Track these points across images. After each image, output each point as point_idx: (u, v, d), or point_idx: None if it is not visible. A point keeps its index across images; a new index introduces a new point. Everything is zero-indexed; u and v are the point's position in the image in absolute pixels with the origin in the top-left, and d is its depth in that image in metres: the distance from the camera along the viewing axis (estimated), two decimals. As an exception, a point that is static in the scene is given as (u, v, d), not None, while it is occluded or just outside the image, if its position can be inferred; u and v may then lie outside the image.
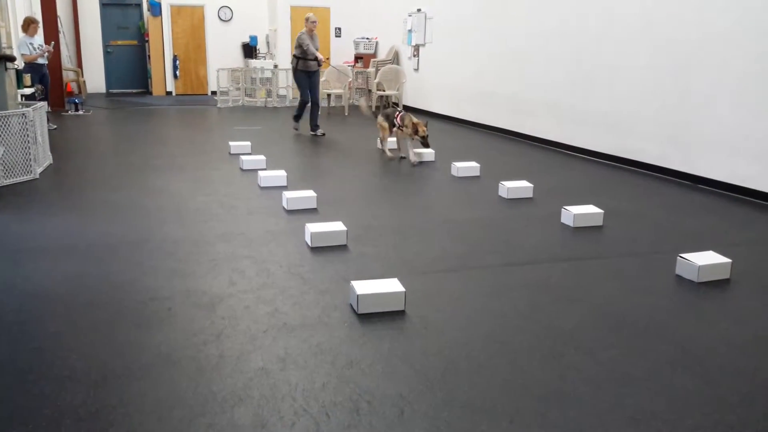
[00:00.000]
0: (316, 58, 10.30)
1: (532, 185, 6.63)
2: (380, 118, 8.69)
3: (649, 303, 3.95)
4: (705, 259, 4.36)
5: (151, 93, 16.93)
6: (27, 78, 9.96)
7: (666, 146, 7.66)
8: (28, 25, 10.50)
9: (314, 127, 10.61)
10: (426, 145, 8.23)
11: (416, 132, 8.13)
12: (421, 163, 8.31)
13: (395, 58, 14.76)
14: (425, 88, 13.68)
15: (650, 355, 3.28)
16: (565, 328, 3.56)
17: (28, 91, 9.56)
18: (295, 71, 10.50)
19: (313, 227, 4.92)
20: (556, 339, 3.43)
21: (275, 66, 15.47)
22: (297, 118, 10.87)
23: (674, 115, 7.50)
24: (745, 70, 6.61)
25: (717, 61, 6.92)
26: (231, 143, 8.82)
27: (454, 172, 7.59)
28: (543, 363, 3.17)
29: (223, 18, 17.14)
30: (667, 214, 6.01)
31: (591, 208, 5.69)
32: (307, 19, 10.31)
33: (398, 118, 8.39)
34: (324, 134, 10.49)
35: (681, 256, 4.41)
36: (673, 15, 7.44)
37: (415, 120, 8.23)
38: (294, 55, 10.39)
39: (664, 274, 4.44)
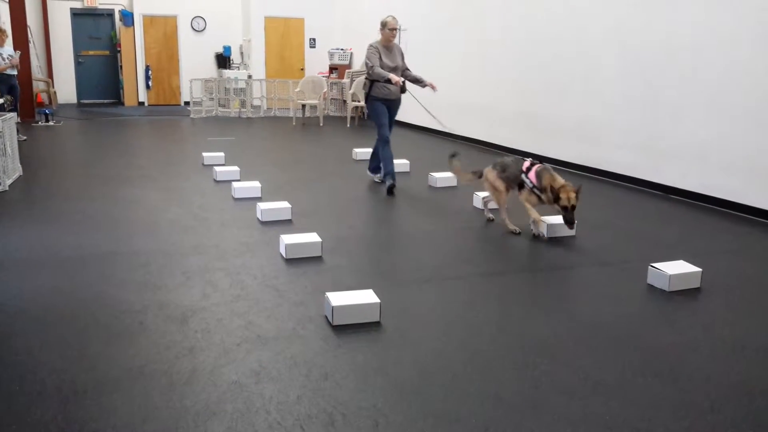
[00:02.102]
0: (393, 81, 7.03)
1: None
2: (491, 174, 5.72)
3: (621, 312, 4.00)
4: (676, 269, 4.42)
5: (123, 103, 16.79)
6: (-4, 88, 9.84)
7: (637, 156, 7.77)
8: (-4, 34, 10.37)
9: (375, 169, 7.74)
10: (570, 222, 5.26)
11: (557, 200, 5.21)
12: (550, 238, 5.52)
13: (370, 69, 14.80)
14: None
15: (622, 363, 3.31)
16: (539, 338, 3.58)
17: (-3, 101, 9.44)
18: (367, 98, 7.36)
19: (287, 239, 4.90)
20: (530, 348, 3.46)
21: (249, 76, 15.44)
22: (374, 167, 7.76)
23: (645, 126, 7.62)
24: (713, 82, 6.74)
25: (686, 72, 7.05)
26: (204, 154, 8.77)
27: (431, 183, 7.62)
28: (517, 372, 3.19)
29: (196, 28, 17.07)
30: (638, 224, 6.09)
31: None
32: (383, 25, 7.41)
33: (532, 175, 5.43)
34: (383, 182, 7.38)
35: (652, 266, 4.47)
36: (643, 27, 7.57)
37: (559, 180, 5.30)
38: (366, 77, 7.49)
39: (635, 283, 4.49)
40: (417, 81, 7.52)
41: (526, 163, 5.55)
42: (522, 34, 9.70)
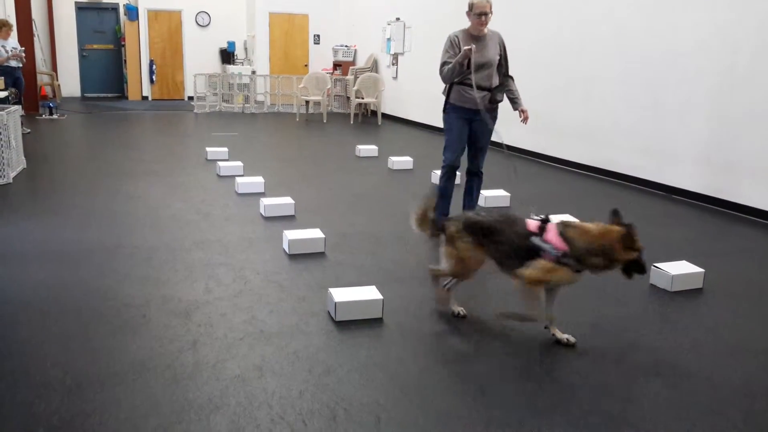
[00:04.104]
0: (480, 87, 5.14)
1: (509, 194, 6.69)
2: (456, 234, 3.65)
3: (623, 312, 4.00)
4: (678, 269, 4.42)
5: (126, 98, 16.79)
6: (0, 81, 9.84)
7: (640, 157, 7.77)
8: (1, 27, 10.36)
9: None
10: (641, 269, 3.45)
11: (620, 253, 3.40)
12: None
13: (374, 66, 14.80)
14: (403, 97, 13.74)
15: (624, 363, 3.31)
16: (540, 336, 3.58)
17: (1, 94, 9.44)
18: (445, 107, 5.37)
19: (290, 234, 4.91)
20: (532, 346, 3.46)
21: (253, 72, 15.44)
22: (440, 205, 5.19)
23: (648, 127, 7.62)
24: (716, 84, 6.74)
25: (689, 74, 7.04)
26: (208, 149, 8.77)
27: (435, 180, 7.62)
28: (518, 370, 3.19)
29: (200, 23, 17.07)
30: (640, 224, 6.04)
31: (566, 218, 5.74)
32: (470, 7, 5.38)
33: (552, 236, 3.42)
34: None
35: (655, 266, 4.47)
36: (646, 29, 7.56)
37: (599, 227, 3.55)
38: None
39: (638, 283, 4.48)
40: (511, 100, 5.48)
41: (534, 222, 3.52)
42: (527, 35, 9.68)
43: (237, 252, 4.84)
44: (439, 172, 5.64)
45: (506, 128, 10.09)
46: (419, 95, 13.01)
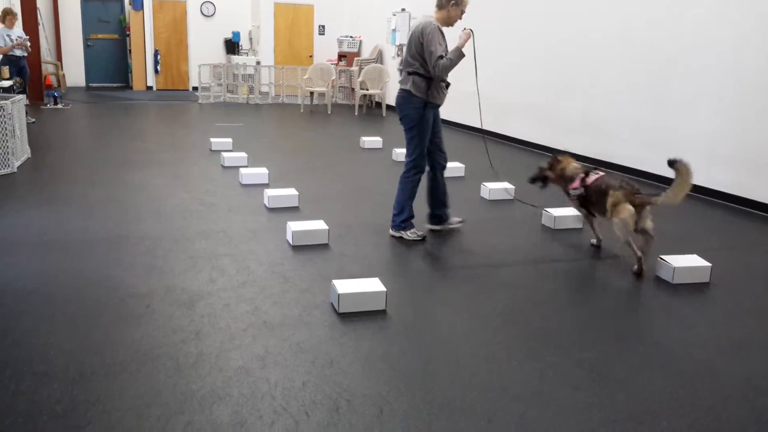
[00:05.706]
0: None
1: (513, 187, 6.67)
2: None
3: (628, 305, 3.99)
4: (683, 262, 4.40)
5: (131, 87, 16.77)
6: (5, 70, 9.85)
7: (643, 150, 7.74)
8: (5, 16, 10.35)
9: (442, 215, 5.38)
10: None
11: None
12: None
13: (379, 58, 14.76)
14: (408, 88, 13.68)
15: (628, 357, 3.31)
16: (544, 329, 3.58)
17: (6, 83, 9.45)
18: (424, 107, 4.93)
19: (294, 226, 4.91)
20: (535, 340, 3.46)
21: (258, 62, 15.41)
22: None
23: (652, 120, 7.58)
24: (722, 78, 6.70)
25: (695, 68, 7.00)
26: (212, 139, 8.77)
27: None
28: (521, 363, 3.19)
29: (205, 13, 17.03)
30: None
31: (571, 211, 5.73)
32: (458, 2, 5.49)
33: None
34: (462, 221, 5.47)
35: (661, 258, 4.46)
36: (652, 22, 7.52)
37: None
38: (410, 72, 4.99)
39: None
40: None
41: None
42: (530, 27, 9.64)
43: (241, 243, 4.85)
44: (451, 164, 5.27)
45: (506, 120, 10.08)
46: (424, 87, 12.96)
